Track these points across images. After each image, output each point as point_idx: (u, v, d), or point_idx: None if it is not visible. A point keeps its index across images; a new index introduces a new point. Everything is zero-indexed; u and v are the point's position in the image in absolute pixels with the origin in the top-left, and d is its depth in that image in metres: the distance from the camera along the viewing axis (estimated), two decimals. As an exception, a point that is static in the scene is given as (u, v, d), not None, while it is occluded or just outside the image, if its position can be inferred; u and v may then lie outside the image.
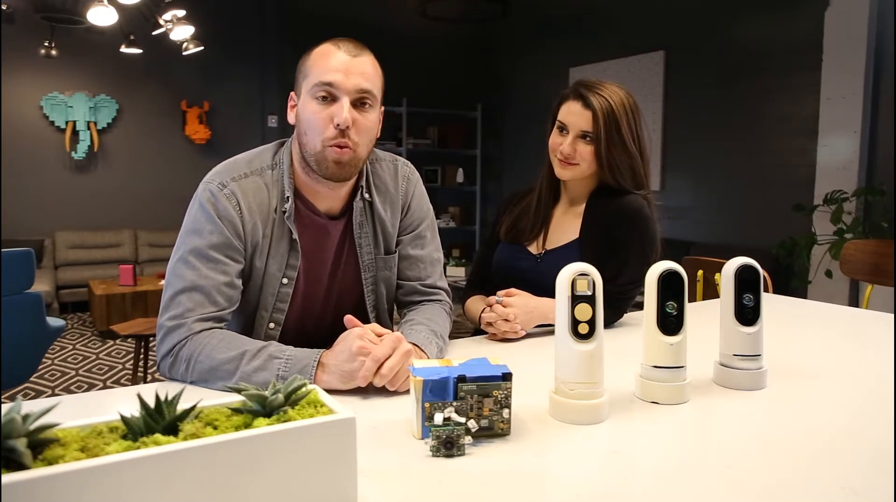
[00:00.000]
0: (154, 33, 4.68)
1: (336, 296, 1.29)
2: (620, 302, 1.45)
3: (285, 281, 1.21)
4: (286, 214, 1.18)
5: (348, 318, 1.06)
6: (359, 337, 1.00)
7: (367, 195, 1.26)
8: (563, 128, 1.50)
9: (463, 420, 0.79)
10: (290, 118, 1.20)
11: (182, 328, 1.07)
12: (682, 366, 0.97)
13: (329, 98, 1.12)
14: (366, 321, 1.32)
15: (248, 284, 1.19)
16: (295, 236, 1.19)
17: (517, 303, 1.37)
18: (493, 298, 1.41)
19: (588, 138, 1.47)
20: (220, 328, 1.11)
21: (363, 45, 1.17)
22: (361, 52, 1.15)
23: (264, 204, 1.18)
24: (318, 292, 1.27)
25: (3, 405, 0.56)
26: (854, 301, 3.94)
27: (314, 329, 1.27)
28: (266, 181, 1.19)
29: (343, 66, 1.11)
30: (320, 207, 1.23)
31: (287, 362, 1.01)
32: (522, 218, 1.60)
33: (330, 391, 1.00)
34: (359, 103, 1.13)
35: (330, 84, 1.11)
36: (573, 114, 1.47)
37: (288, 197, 1.18)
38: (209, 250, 1.11)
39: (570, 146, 1.47)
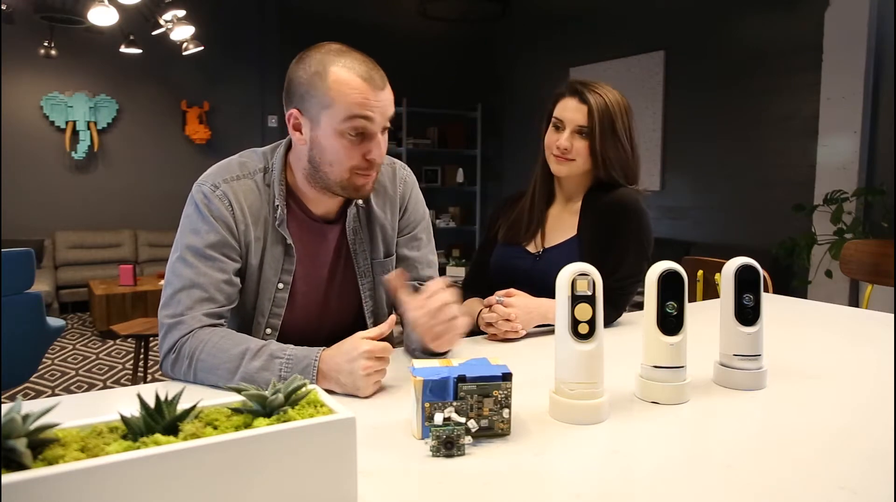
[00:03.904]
0: (154, 33, 4.68)
1: (334, 300, 1.29)
2: (620, 298, 1.46)
3: (281, 285, 1.21)
4: (277, 222, 1.18)
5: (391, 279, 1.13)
6: (367, 354, 0.99)
7: (360, 202, 1.26)
8: (558, 125, 1.52)
9: (463, 420, 0.78)
10: (297, 139, 1.14)
11: (183, 325, 1.08)
12: (682, 366, 0.96)
13: (362, 134, 1.10)
14: (365, 326, 1.32)
15: (243, 286, 1.19)
16: (289, 241, 1.19)
17: (517, 304, 1.37)
18: (492, 298, 1.42)
19: (584, 133, 1.49)
20: (221, 325, 1.11)
21: (374, 60, 1.12)
22: (383, 78, 1.11)
23: (256, 206, 1.18)
24: (316, 296, 1.27)
25: (3, 405, 0.56)
26: (854, 301, 3.94)
27: (312, 334, 1.27)
28: (258, 184, 1.19)
29: (377, 102, 1.08)
30: (316, 212, 1.23)
31: (288, 361, 1.01)
32: (519, 219, 1.61)
33: (330, 391, 1.00)
34: (382, 129, 1.13)
35: (365, 125, 1.08)
36: (569, 109, 1.50)
37: (278, 205, 1.18)
38: (206, 249, 1.12)
39: (568, 140, 1.49)
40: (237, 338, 1.06)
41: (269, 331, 1.22)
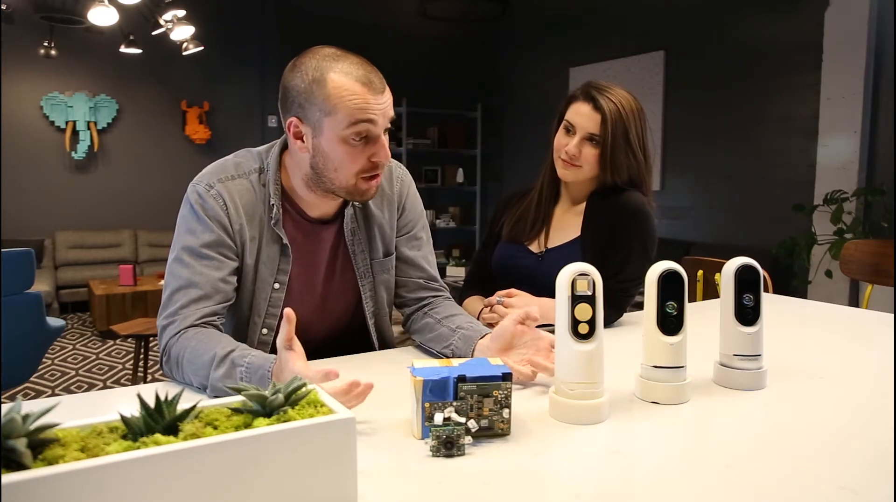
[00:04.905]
0: (154, 33, 4.68)
1: (331, 301, 1.28)
2: (622, 299, 1.45)
3: (277, 285, 1.21)
4: (273, 221, 1.18)
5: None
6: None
7: (357, 202, 1.25)
8: (569, 129, 1.49)
9: (463, 420, 0.78)
10: (299, 148, 1.12)
11: (173, 325, 1.08)
12: (682, 366, 0.96)
13: (366, 138, 1.09)
14: (365, 326, 1.32)
15: (239, 286, 1.19)
16: (285, 241, 1.19)
17: (518, 304, 1.37)
18: (493, 299, 1.41)
19: (594, 141, 1.47)
20: (214, 321, 1.11)
21: (370, 62, 1.10)
22: (382, 80, 1.10)
23: (251, 205, 1.17)
24: (313, 297, 1.26)
25: (3, 405, 0.55)
26: (854, 301, 3.94)
27: (309, 334, 1.26)
28: (254, 184, 1.19)
29: (378, 105, 1.07)
30: (311, 213, 1.23)
31: (247, 370, 0.97)
32: (523, 216, 1.60)
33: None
34: (384, 131, 1.12)
35: (369, 128, 1.07)
36: (582, 115, 1.47)
37: (273, 204, 1.18)
38: (202, 248, 1.12)
39: (576, 147, 1.47)
40: (208, 344, 1.03)
41: (265, 331, 1.22)
